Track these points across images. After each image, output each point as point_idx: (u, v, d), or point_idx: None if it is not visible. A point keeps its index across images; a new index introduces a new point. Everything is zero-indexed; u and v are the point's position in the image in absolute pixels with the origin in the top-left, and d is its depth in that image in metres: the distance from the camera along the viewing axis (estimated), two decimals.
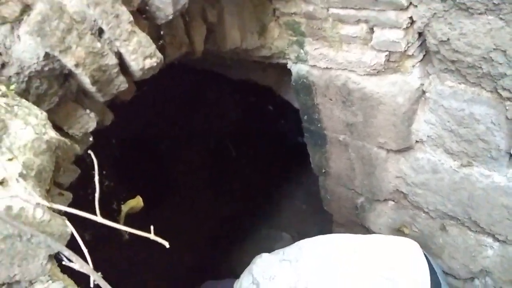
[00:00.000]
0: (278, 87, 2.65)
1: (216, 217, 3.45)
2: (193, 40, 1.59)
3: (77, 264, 0.80)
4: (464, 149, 1.79)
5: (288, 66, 2.07)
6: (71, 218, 0.91)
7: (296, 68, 2.05)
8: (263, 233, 3.50)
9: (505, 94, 1.51)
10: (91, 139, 1.27)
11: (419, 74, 1.76)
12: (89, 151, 0.86)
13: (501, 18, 1.34)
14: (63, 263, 0.84)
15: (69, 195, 1.39)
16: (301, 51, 1.94)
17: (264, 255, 2.03)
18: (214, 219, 3.42)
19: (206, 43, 1.72)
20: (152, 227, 0.78)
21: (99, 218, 0.79)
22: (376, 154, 2.10)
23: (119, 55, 1.06)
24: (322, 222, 2.97)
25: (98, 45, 0.99)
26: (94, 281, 0.80)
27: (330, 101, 2.05)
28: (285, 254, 1.94)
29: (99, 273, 0.81)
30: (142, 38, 1.05)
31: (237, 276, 2.08)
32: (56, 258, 0.90)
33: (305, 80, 2.06)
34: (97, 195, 0.79)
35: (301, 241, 2.02)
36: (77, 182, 1.33)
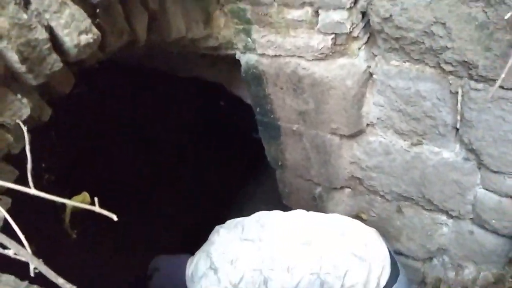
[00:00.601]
0: (229, 83, 2.61)
1: (171, 223, 3.34)
2: (134, 27, 1.52)
3: (12, 250, 0.71)
4: (413, 128, 1.83)
5: (237, 56, 2.04)
6: None
7: (245, 58, 2.02)
8: None
9: (447, 68, 1.56)
10: (26, 132, 1.15)
11: (365, 56, 1.78)
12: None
13: None
14: None
15: (7, 200, 1.27)
16: (249, 39, 1.92)
17: (222, 232, 1.90)
18: (167, 224, 3.31)
19: (150, 33, 1.66)
20: (96, 199, 0.71)
21: (32, 190, 0.71)
22: (330, 141, 2.11)
23: (50, 30, 0.98)
24: None
25: (25, 16, 0.91)
26: (35, 269, 0.71)
27: (281, 90, 2.04)
28: (246, 232, 1.83)
29: (40, 260, 0.73)
30: (75, 10, 0.98)
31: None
32: None
33: (254, 70, 2.03)
34: (29, 166, 0.71)
35: (260, 215, 1.93)
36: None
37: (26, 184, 0.89)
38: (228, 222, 2.01)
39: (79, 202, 1.36)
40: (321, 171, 2.29)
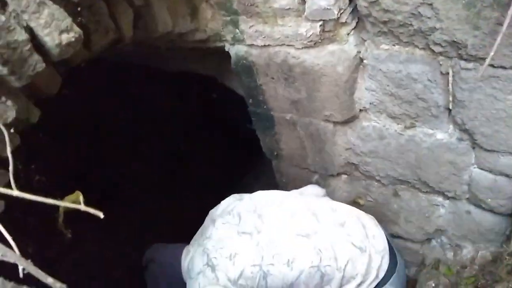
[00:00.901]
0: (220, 75, 2.59)
1: (166, 220, 3.34)
2: (119, 25, 1.51)
3: None
4: (406, 111, 1.83)
5: (226, 48, 2.03)
6: None
7: (234, 50, 2.01)
8: None
9: (437, 49, 1.55)
10: (6, 134, 1.13)
11: (355, 41, 1.77)
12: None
13: None
14: None
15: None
16: (237, 30, 1.90)
17: (218, 224, 1.84)
18: (164, 221, 3.31)
19: (136, 29, 1.64)
20: (81, 197, 0.70)
21: (15, 192, 0.70)
22: (324, 129, 2.10)
23: (30, 30, 0.96)
24: None
25: (2, 18, 0.90)
26: (23, 269, 0.71)
27: (273, 80, 2.03)
28: (243, 225, 1.79)
29: (29, 260, 0.72)
30: (54, 10, 0.96)
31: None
32: None
33: (244, 61, 2.02)
34: (10, 168, 0.71)
35: (255, 201, 1.90)
36: None
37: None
38: (223, 206, 1.98)
39: (72, 201, 1.36)
40: (317, 159, 2.29)
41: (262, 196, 1.95)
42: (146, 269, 1.99)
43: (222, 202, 2.03)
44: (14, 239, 0.74)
